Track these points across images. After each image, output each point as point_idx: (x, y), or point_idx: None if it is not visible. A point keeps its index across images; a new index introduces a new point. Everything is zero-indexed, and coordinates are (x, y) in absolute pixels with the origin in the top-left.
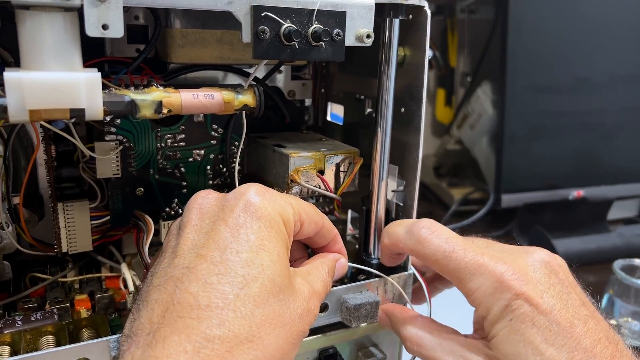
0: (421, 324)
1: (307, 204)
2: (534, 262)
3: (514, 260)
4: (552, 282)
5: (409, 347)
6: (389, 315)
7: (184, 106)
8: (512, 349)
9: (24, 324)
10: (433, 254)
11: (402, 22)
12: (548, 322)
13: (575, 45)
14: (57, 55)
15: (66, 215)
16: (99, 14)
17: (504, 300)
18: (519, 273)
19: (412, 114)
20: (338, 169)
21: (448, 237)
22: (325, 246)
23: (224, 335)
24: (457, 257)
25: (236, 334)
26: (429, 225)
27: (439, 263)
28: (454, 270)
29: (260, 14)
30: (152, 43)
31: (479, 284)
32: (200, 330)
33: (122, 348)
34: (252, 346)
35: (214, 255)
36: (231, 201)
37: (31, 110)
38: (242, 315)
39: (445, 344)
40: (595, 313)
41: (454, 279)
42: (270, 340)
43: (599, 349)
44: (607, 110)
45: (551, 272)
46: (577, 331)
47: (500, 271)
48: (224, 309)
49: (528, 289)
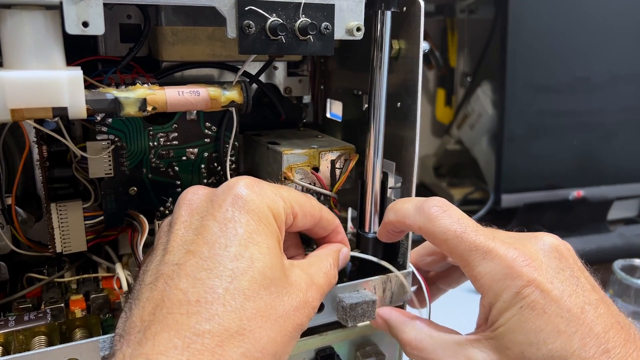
0: (420, 327)
1: (302, 196)
2: (543, 246)
3: (523, 246)
4: (561, 267)
5: (408, 352)
6: (386, 319)
7: (168, 103)
8: (522, 338)
9: (16, 325)
10: (443, 233)
11: (396, 14)
12: (559, 309)
13: (575, 45)
14: (39, 53)
15: (59, 215)
16: (79, 11)
17: (515, 288)
18: (530, 259)
19: (407, 109)
20: (333, 166)
21: (460, 217)
22: (327, 237)
23: (213, 329)
24: (468, 238)
25: (226, 328)
26: (440, 204)
27: (448, 243)
28: (463, 251)
29: (244, 8)
30: (142, 41)
31: (488, 269)
32: (190, 325)
33: (115, 347)
34: (243, 339)
35: (203, 251)
36: (220, 196)
37: (12, 110)
38: (232, 309)
39: (447, 345)
40: (605, 297)
41: (462, 262)
42: (261, 333)
43: (611, 334)
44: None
45: (561, 257)
46: (588, 317)
47: (512, 257)
48: (214, 304)
49: (539, 275)
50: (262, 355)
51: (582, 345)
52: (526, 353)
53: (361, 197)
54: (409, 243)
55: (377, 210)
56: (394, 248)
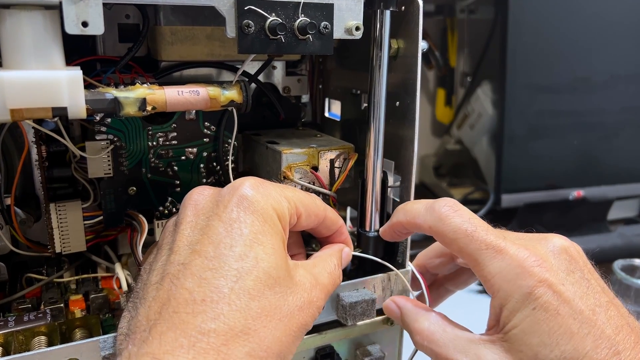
0: (434, 319)
1: (307, 196)
2: (553, 248)
3: (533, 247)
4: (572, 269)
5: (418, 342)
6: (401, 307)
7: (168, 103)
8: (536, 340)
9: (16, 325)
10: (454, 232)
11: (394, 13)
12: (572, 310)
13: (575, 44)
14: (38, 53)
15: (59, 215)
16: (78, 11)
17: (526, 288)
18: (541, 260)
19: (406, 108)
20: (332, 165)
21: (470, 217)
22: (330, 237)
23: (218, 328)
24: (478, 237)
25: (231, 327)
26: (451, 204)
27: (458, 242)
28: (474, 250)
29: (244, 7)
30: (140, 41)
31: (499, 269)
32: (196, 324)
33: (120, 347)
34: (248, 338)
35: (208, 251)
36: (225, 196)
37: (12, 110)
38: (237, 308)
39: (458, 342)
40: (615, 299)
41: (472, 261)
42: (266, 332)
43: (621, 337)
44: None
45: (571, 259)
46: (600, 319)
47: (523, 257)
48: (219, 303)
49: (550, 276)
50: (267, 354)
51: (594, 347)
52: (540, 355)
53: (361, 196)
54: (407, 242)
55: (378, 209)
56: (394, 247)
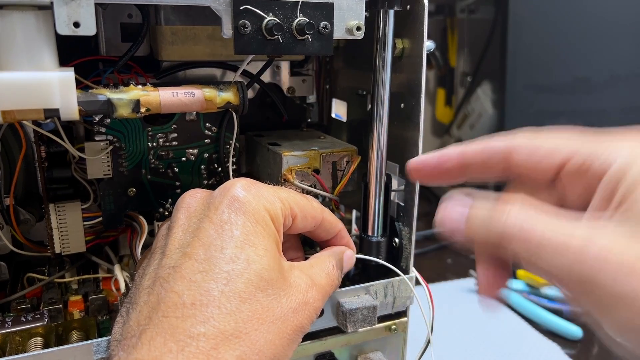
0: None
1: (302, 197)
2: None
3: None
4: None
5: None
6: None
7: (162, 104)
8: None
9: (13, 326)
10: None
11: (399, 13)
12: None
13: (575, 45)
14: (30, 54)
15: (58, 216)
16: (69, 11)
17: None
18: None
19: (411, 110)
20: (335, 168)
21: None
22: (331, 240)
23: (208, 332)
24: None
25: (221, 331)
26: None
27: None
28: None
29: (240, 7)
30: (140, 41)
31: None
32: (185, 328)
33: (112, 352)
34: (239, 342)
35: (199, 253)
36: (217, 198)
37: (3, 111)
38: (227, 311)
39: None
40: None
41: None
42: (258, 335)
43: None
44: (607, 110)
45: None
46: None
47: None
48: (209, 306)
49: None
50: (259, 357)
51: None
52: None
53: (364, 199)
54: (411, 247)
55: (381, 214)
56: (397, 253)
